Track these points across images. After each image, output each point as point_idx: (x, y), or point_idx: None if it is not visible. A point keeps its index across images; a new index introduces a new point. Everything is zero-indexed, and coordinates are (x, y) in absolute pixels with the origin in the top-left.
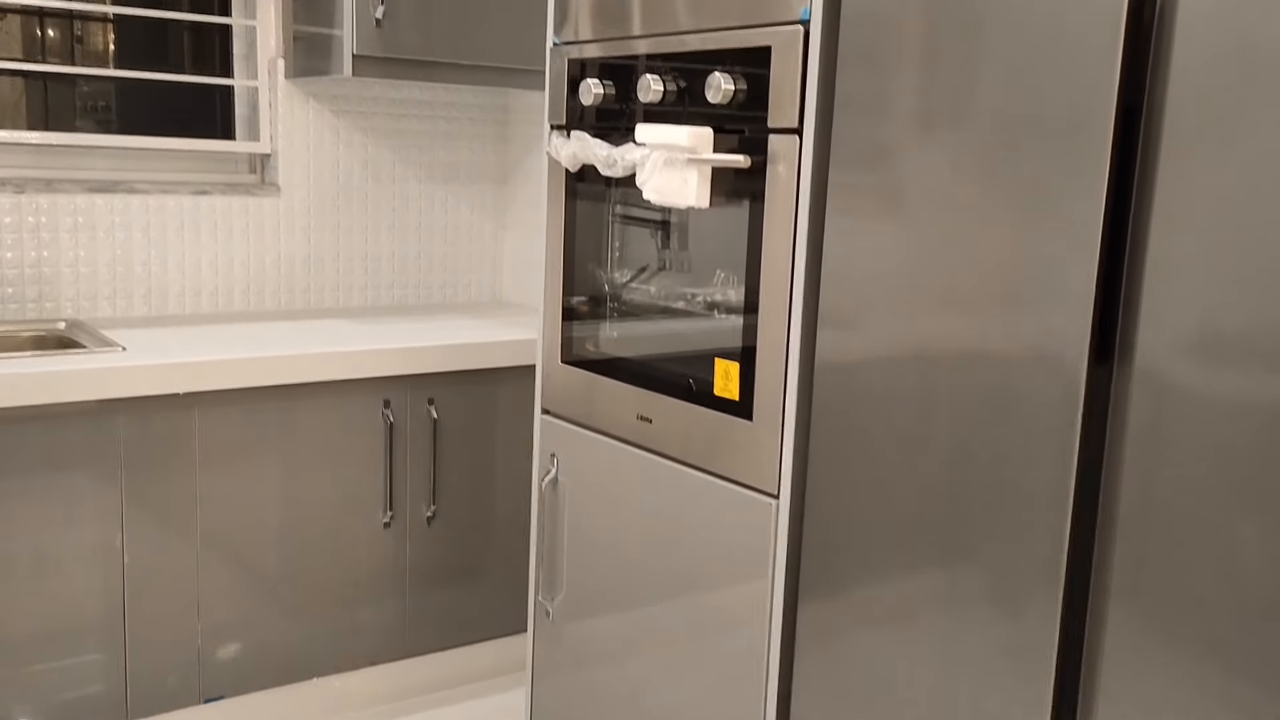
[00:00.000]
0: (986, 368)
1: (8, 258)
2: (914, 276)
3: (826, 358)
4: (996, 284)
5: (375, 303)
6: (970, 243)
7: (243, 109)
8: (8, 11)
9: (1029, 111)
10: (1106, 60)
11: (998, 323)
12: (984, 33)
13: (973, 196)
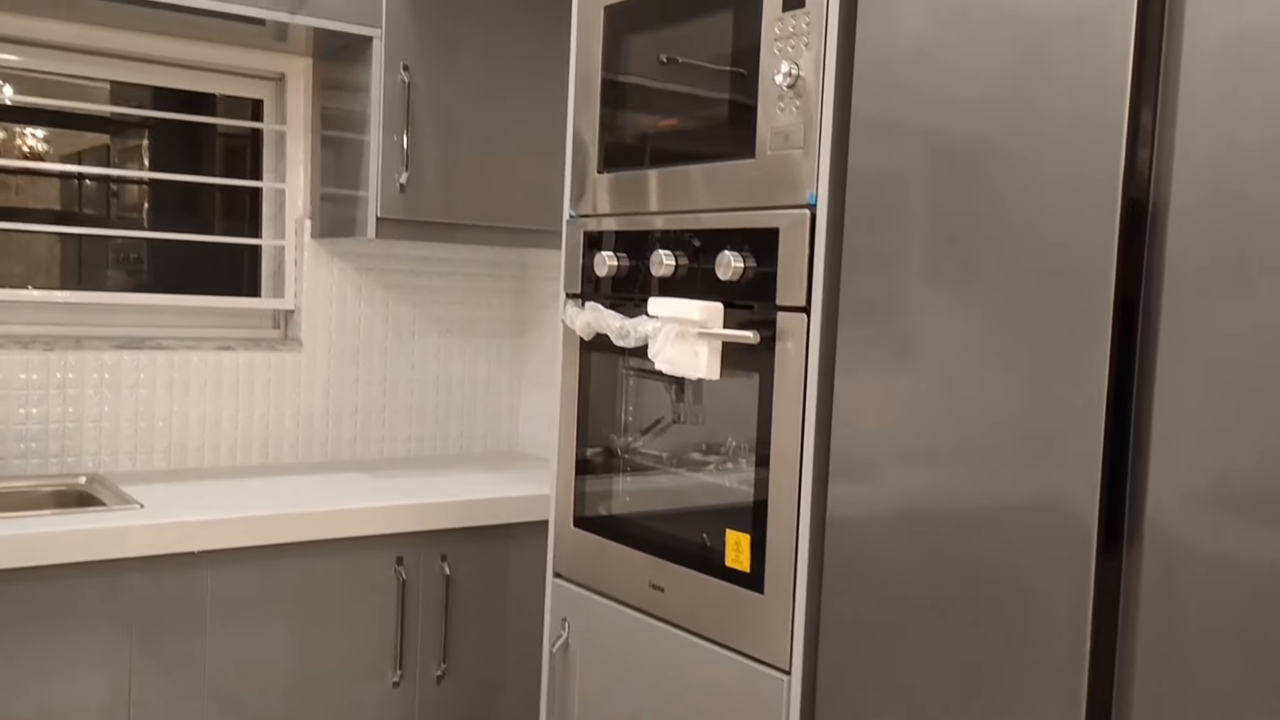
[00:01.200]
0: (996, 524)
1: (34, 414)
2: (923, 430)
3: (837, 513)
4: (1004, 438)
5: (392, 455)
6: (978, 396)
7: (269, 266)
8: (47, 175)
9: (1032, 266)
10: (1106, 215)
11: (1006, 477)
12: (987, 192)
13: (980, 350)
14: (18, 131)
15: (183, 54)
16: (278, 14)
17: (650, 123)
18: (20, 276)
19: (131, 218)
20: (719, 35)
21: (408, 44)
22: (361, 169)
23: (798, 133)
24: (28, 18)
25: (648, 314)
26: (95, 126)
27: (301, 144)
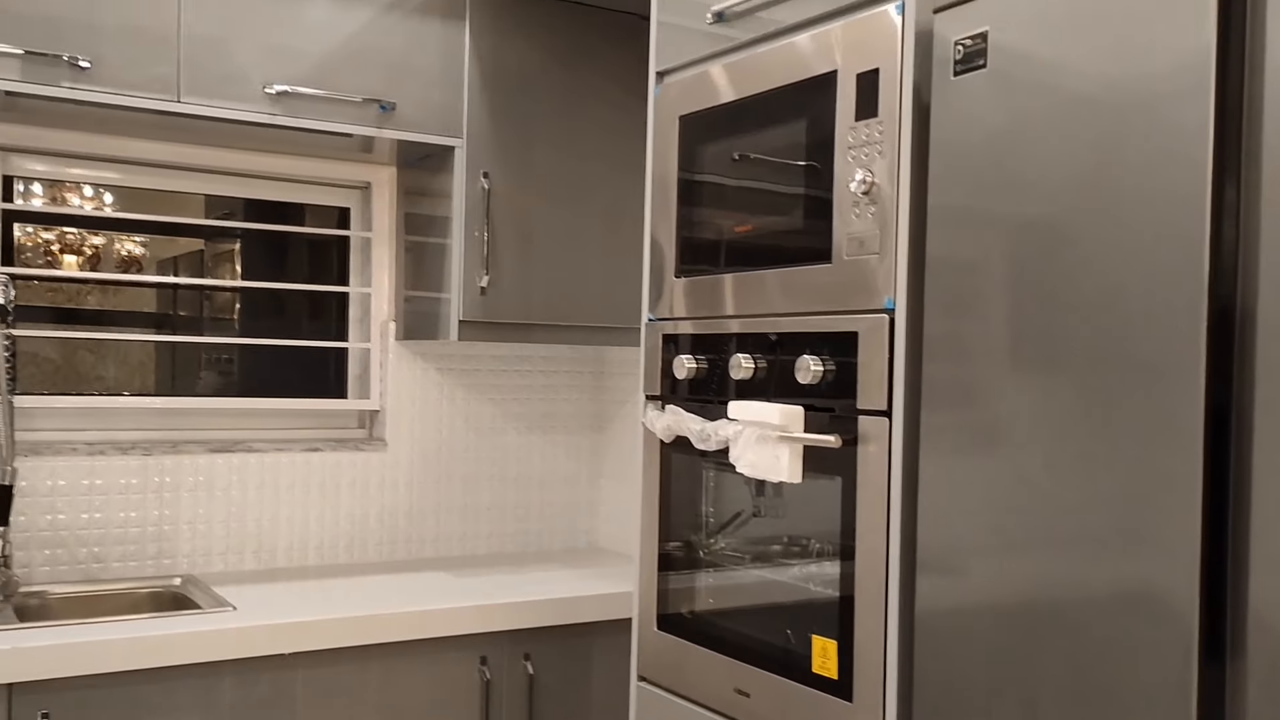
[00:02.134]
0: (1091, 619)
1: (132, 517)
2: (1011, 520)
3: (926, 607)
4: (1095, 528)
5: (474, 552)
6: (1067, 485)
7: (355, 368)
8: (145, 285)
9: (1117, 353)
10: (1194, 292)
11: (1099, 570)
12: (1067, 277)
13: (1067, 439)
14: (116, 237)
15: (274, 168)
16: (366, 129)
17: (726, 228)
18: (118, 380)
19: (224, 319)
20: (792, 143)
21: (487, 152)
22: (444, 273)
23: (874, 238)
24: (129, 139)
25: (728, 417)
26: (190, 233)
27: (386, 249)
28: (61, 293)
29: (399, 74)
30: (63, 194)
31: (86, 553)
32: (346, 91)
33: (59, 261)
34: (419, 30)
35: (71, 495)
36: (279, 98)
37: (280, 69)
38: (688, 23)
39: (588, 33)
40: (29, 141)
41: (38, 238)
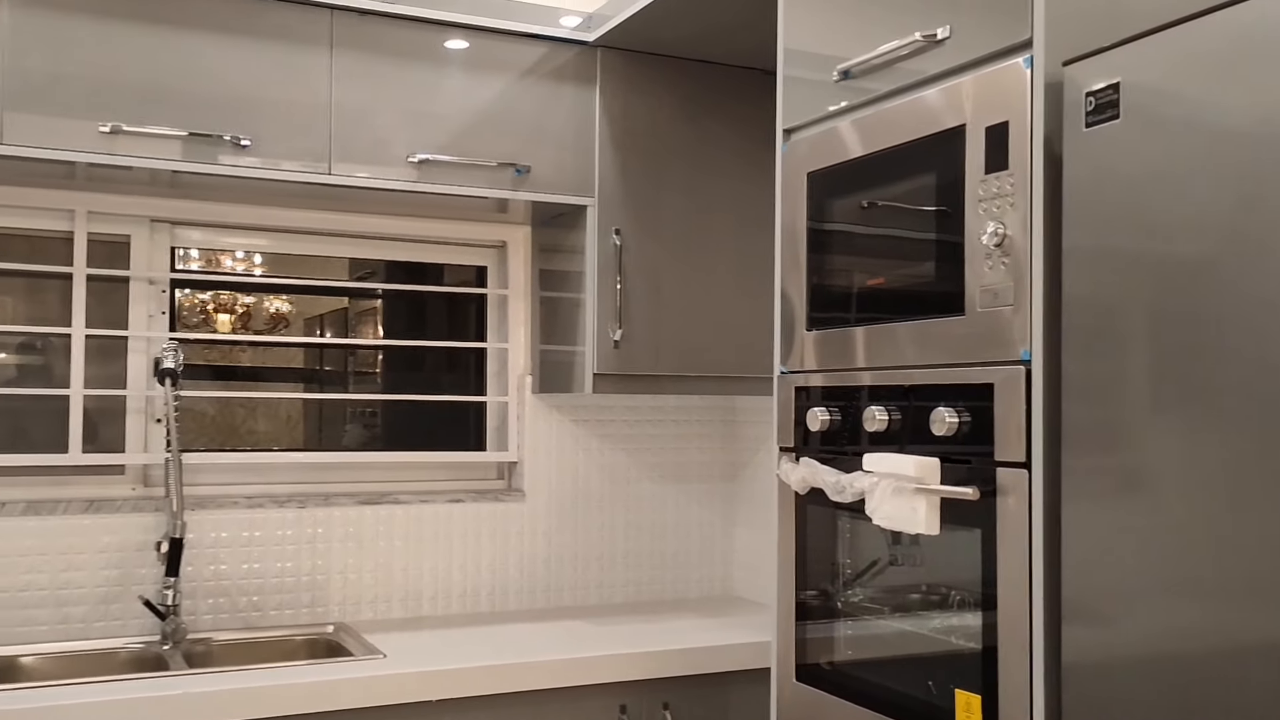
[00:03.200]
0: (1252, 666)
1: (288, 567)
2: (1161, 567)
3: (1074, 658)
4: (1254, 570)
5: (610, 600)
6: (1220, 525)
7: (494, 421)
8: (297, 345)
9: (1272, 388)
10: None
11: (1260, 615)
12: (1217, 310)
13: (1217, 481)
14: (265, 296)
15: (414, 230)
16: (503, 192)
17: (856, 281)
18: (269, 434)
19: (367, 374)
20: (921, 196)
21: (618, 209)
22: (578, 327)
23: (1008, 290)
24: (279, 208)
25: (863, 469)
26: (335, 292)
27: (522, 305)
28: (216, 351)
29: (533, 138)
30: (216, 257)
31: (246, 601)
32: (483, 157)
33: (213, 320)
34: (551, 95)
35: (233, 546)
36: (421, 165)
37: (422, 138)
38: (813, 80)
39: (712, 89)
40: (191, 214)
41: (194, 299)
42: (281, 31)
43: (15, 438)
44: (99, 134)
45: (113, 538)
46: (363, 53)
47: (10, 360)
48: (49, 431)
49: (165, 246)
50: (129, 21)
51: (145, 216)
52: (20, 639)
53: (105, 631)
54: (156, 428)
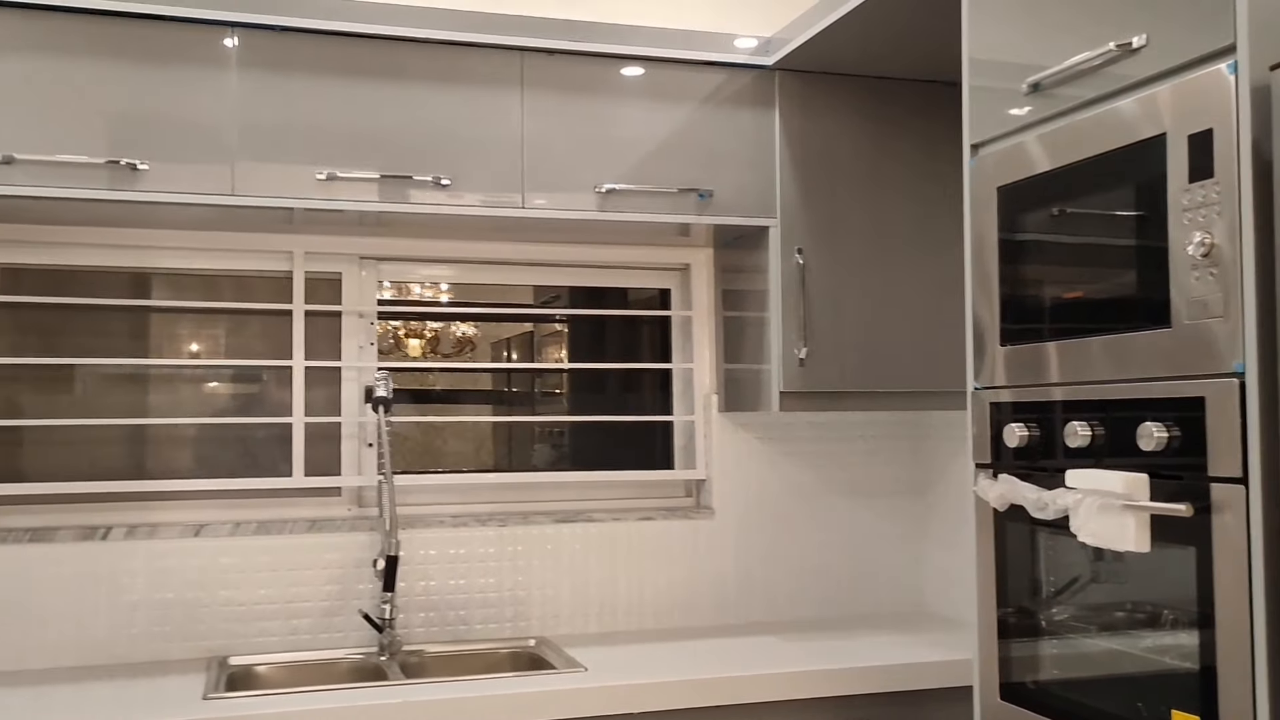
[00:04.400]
0: None
1: (491, 583)
2: None
3: None
4: None
5: (801, 616)
6: None
7: (680, 439)
8: (490, 371)
9: None
10: None
11: None
12: None
13: None
14: (452, 321)
15: (597, 257)
16: (686, 217)
17: (1050, 296)
18: (460, 455)
19: (553, 394)
20: (1118, 208)
21: (800, 229)
22: (762, 346)
23: (1217, 301)
24: (469, 241)
25: (1065, 485)
26: (525, 319)
27: (706, 326)
28: (410, 375)
29: (714, 162)
30: (406, 285)
31: (454, 615)
32: (666, 183)
33: (404, 345)
34: (731, 120)
35: (440, 563)
36: (607, 195)
37: (607, 168)
38: (1000, 93)
39: (891, 104)
40: (393, 250)
41: (385, 325)
42: (477, 76)
43: (246, 463)
44: (316, 181)
45: (333, 555)
46: (550, 90)
47: (240, 391)
48: (272, 456)
49: (373, 282)
50: (341, 76)
51: (355, 254)
52: (256, 649)
53: (328, 643)
54: (368, 452)
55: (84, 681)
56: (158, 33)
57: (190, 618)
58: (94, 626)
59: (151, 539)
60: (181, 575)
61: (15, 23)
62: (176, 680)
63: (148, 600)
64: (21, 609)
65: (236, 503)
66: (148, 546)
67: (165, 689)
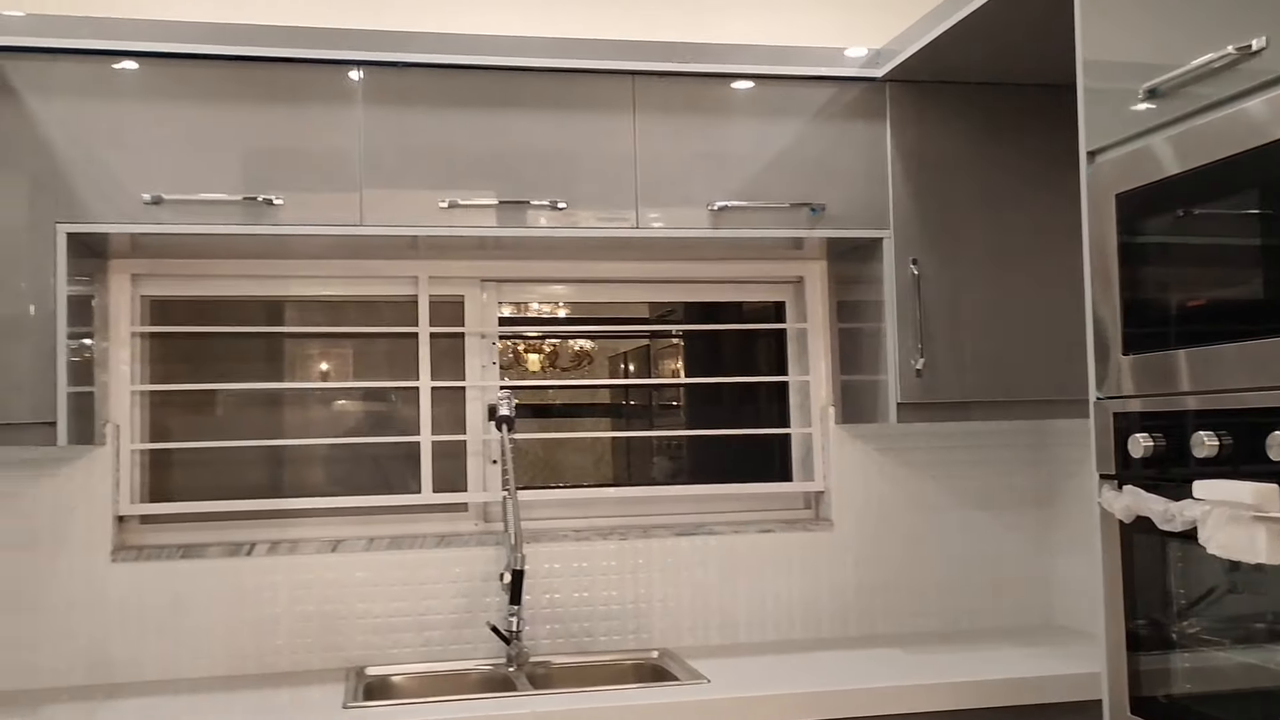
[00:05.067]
0: None
1: (614, 595)
2: None
3: None
4: None
5: (924, 629)
6: None
7: (798, 452)
8: (610, 387)
9: None
10: None
11: None
12: None
13: None
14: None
15: (710, 272)
16: (798, 231)
17: (1174, 303)
18: (580, 469)
19: (670, 407)
20: (1247, 211)
21: (914, 239)
22: (879, 357)
23: None
24: (584, 260)
25: (1192, 496)
26: (640, 335)
27: (821, 338)
28: (531, 390)
29: (825, 176)
30: (524, 302)
31: (578, 627)
32: (777, 199)
33: (523, 360)
34: (842, 133)
35: (564, 576)
36: (719, 212)
37: (719, 186)
38: (1115, 97)
39: (1003, 111)
40: (512, 272)
41: (503, 341)
42: (590, 101)
43: (377, 480)
44: (439, 209)
45: (461, 569)
46: (661, 111)
47: (370, 410)
48: (402, 474)
49: (493, 303)
50: (459, 106)
51: (476, 277)
52: (390, 660)
53: (459, 654)
54: (493, 468)
55: (233, 690)
56: (287, 75)
57: (329, 629)
58: (240, 638)
59: (292, 554)
60: (320, 589)
61: (160, 72)
62: (317, 690)
63: (289, 613)
64: (174, 621)
65: (369, 519)
66: (289, 561)
67: (307, 698)
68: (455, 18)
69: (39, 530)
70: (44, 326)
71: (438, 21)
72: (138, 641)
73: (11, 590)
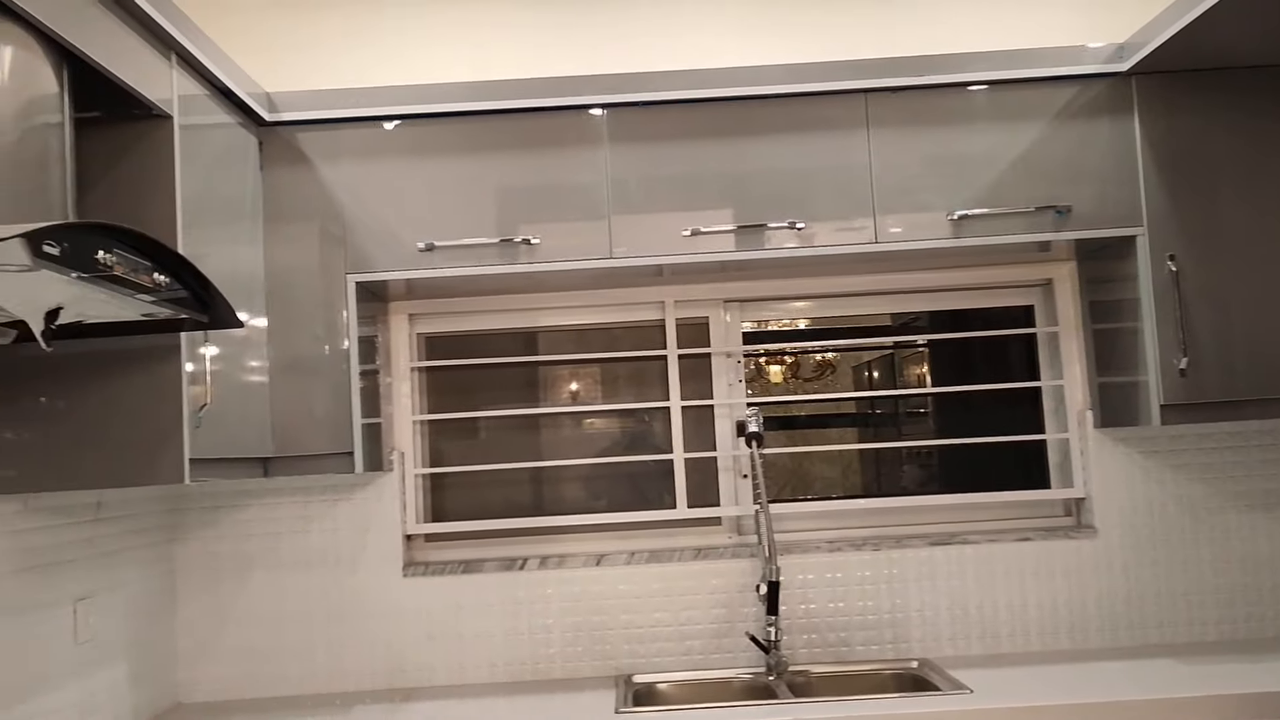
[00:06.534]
0: None
1: (869, 605)
2: None
3: None
4: None
5: (1202, 638)
6: None
7: (1055, 457)
8: (853, 399)
9: None
10: None
11: None
12: None
13: None
14: (809, 346)
15: (952, 280)
16: (1043, 235)
17: None
18: (829, 478)
19: (918, 414)
20: None
21: (1170, 234)
22: (1137, 358)
23: None
24: (824, 277)
25: None
26: (881, 346)
27: (1074, 340)
28: (776, 401)
29: (1070, 177)
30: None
31: (835, 637)
32: (1020, 204)
33: (765, 371)
34: (1086, 132)
35: (819, 587)
36: (960, 221)
37: (958, 195)
38: None
39: (1262, 93)
40: (753, 292)
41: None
42: (824, 123)
43: (634, 496)
44: (682, 237)
45: (718, 580)
46: (896, 125)
47: (623, 430)
48: (657, 489)
49: (737, 323)
50: (698, 138)
51: (719, 299)
52: (655, 668)
53: (719, 663)
54: (743, 482)
55: (514, 695)
56: (536, 122)
57: (596, 639)
58: (517, 646)
59: (560, 568)
60: (587, 600)
61: (424, 130)
62: (590, 696)
63: (560, 623)
64: (457, 631)
65: (628, 534)
66: (557, 575)
67: (580, 703)
68: (692, 52)
69: (340, 549)
70: (337, 365)
71: (674, 56)
72: (427, 649)
73: (321, 602)
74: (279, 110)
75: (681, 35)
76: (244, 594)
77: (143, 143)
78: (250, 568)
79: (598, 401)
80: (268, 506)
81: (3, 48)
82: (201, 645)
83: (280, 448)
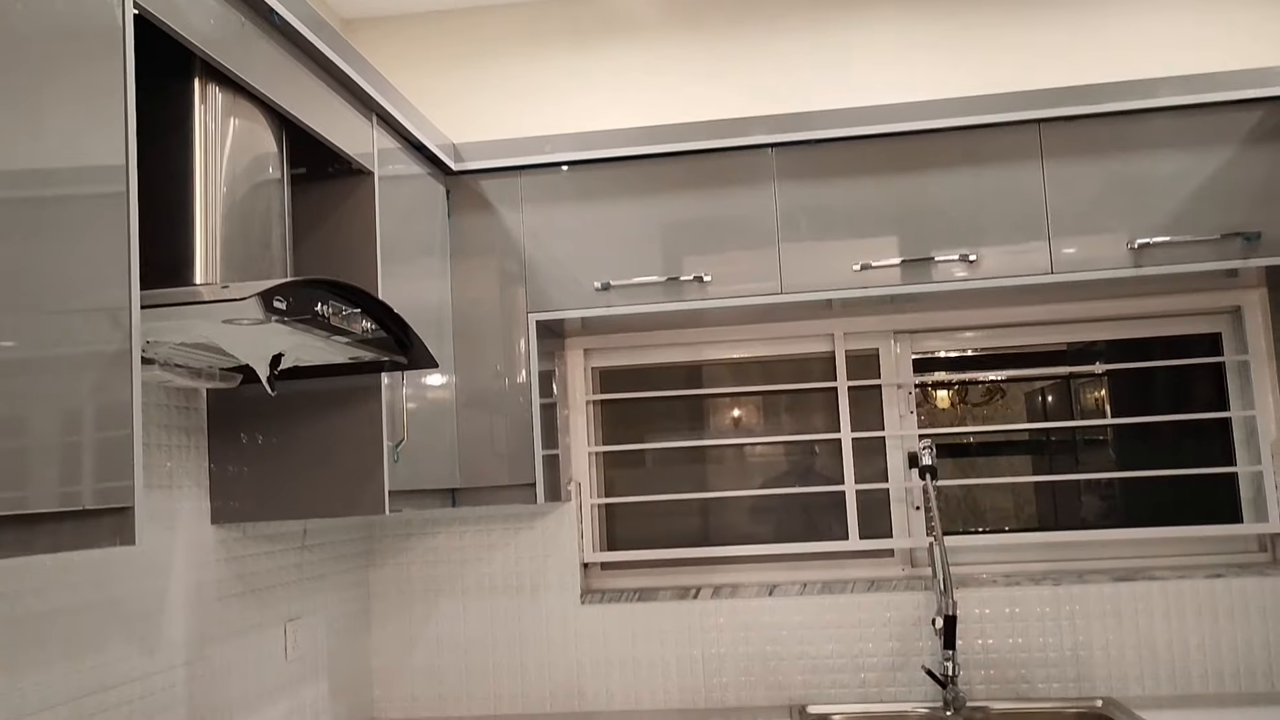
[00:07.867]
0: None
1: (1050, 641)
2: None
3: None
4: None
5: None
6: None
7: (1247, 491)
8: (1026, 430)
9: None
10: None
11: None
12: None
13: None
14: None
15: (1133, 308)
16: (1231, 262)
17: None
18: (1002, 510)
19: (1096, 440)
20: None
21: None
22: None
23: None
24: (996, 308)
25: None
26: (1054, 376)
27: (1266, 369)
28: (945, 421)
29: (1260, 203)
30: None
31: (1015, 673)
32: (1204, 231)
33: (933, 396)
34: (1275, 155)
35: (996, 622)
36: (1140, 250)
37: (1138, 224)
38: None
39: None
40: (924, 323)
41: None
42: (995, 154)
43: (806, 527)
44: (852, 271)
45: (891, 613)
46: (1070, 156)
47: (794, 461)
48: (828, 521)
49: (907, 354)
50: (867, 174)
51: (888, 330)
52: (830, 699)
53: (894, 696)
54: (916, 514)
55: None
56: (705, 163)
57: (769, 669)
58: (690, 674)
59: (733, 598)
60: (760, 630)
61: (597, 175)
62: None
63: (733, 652)
64: (633, 657)
65: (800, 564)
66: (730, 605)
67: None
68: (858, 88)
69: (522, 576)
70: (518, 400)
71: (843, 92)
72: (605, 675)
73: (504, 627)
74: (464, 160)
75: (837, 69)
76: (432, 617)
77: (349, 198)
78: (438, 593)
79: (759, 432)
80: (454, 535)
81: (235, 118)
82: (393, 665)
83: (467, 479)
